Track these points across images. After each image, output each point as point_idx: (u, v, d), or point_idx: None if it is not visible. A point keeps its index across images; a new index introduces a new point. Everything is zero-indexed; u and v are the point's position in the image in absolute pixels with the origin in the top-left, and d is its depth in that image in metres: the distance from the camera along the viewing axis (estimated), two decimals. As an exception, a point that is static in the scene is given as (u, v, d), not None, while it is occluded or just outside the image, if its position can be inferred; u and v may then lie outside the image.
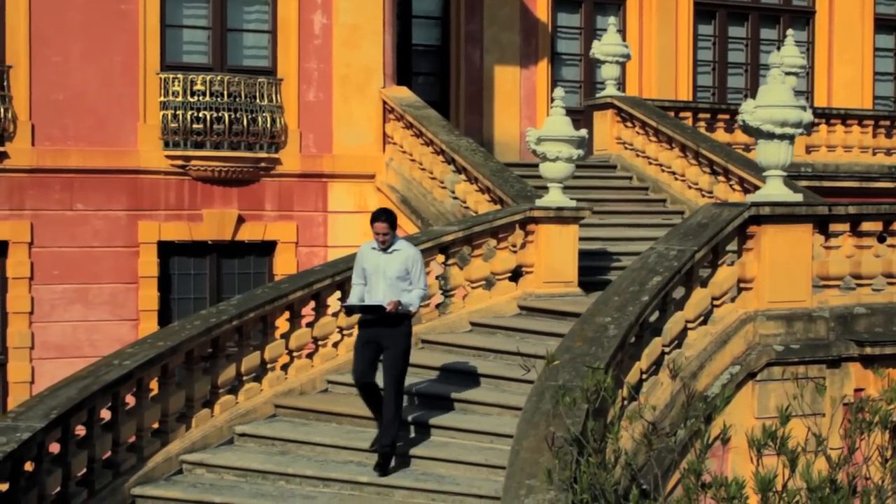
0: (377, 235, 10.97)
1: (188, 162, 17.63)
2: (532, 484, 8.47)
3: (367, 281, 11.08)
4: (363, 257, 11.16)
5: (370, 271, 11.04)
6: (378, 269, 10.97)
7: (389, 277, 10.92)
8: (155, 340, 11.65)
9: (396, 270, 10.94)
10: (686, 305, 10.86)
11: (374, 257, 11.05)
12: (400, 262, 11.00)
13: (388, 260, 10.98)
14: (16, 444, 9.55)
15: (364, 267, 11.11)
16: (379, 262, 11.01)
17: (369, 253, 11.12)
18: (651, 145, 19.17)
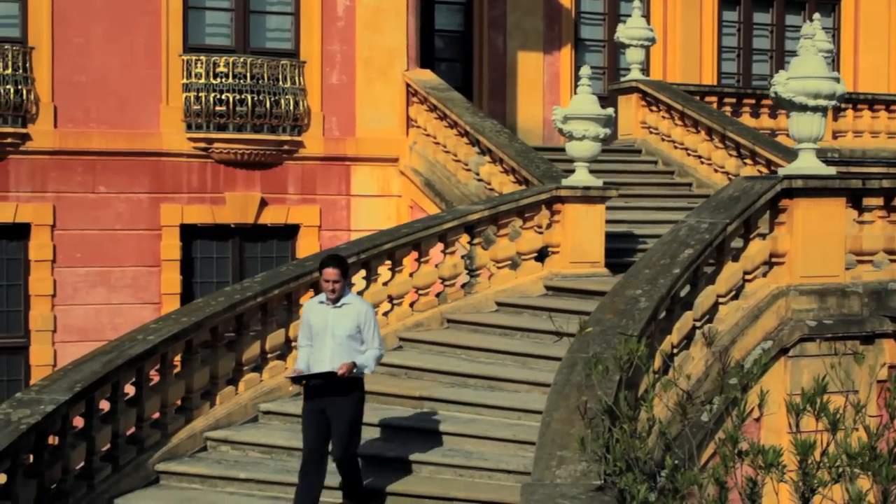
0: (326, 284, 9.62)
1: (211, 144, 17.52)
2: (563, 455, 8.32)
3: (314, 341, 9.72)
4: (309, 313, 9.82)
5: (317, 329, 9.66)
6: (326, 328, 9.62)
7: (339, 336, 9.58)
8: (179, 316, 11.56)
9: (347, 328, 9.59)
10: (717, 280, 10.69)
11: (321, 313, 9.68)
12: (351, 319, 9.61)
13: (338, 316, 9.62)
14: (40, 417, 9.46)
15: (311, 325, 9.73)
16: (327, 319, 9.63)
17: (316, 308, 9.77)
18: (677, 129, 18.98)
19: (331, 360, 9.53)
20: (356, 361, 9.57)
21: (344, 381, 9.52)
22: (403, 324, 13.27)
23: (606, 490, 7.82)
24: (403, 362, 12.49)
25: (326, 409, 9.56)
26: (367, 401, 11.66)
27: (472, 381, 11.84)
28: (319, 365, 9.57)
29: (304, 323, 9.85)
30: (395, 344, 13.09)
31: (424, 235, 13.42)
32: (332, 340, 9.57)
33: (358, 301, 9.87)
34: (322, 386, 9.58)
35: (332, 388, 9.56)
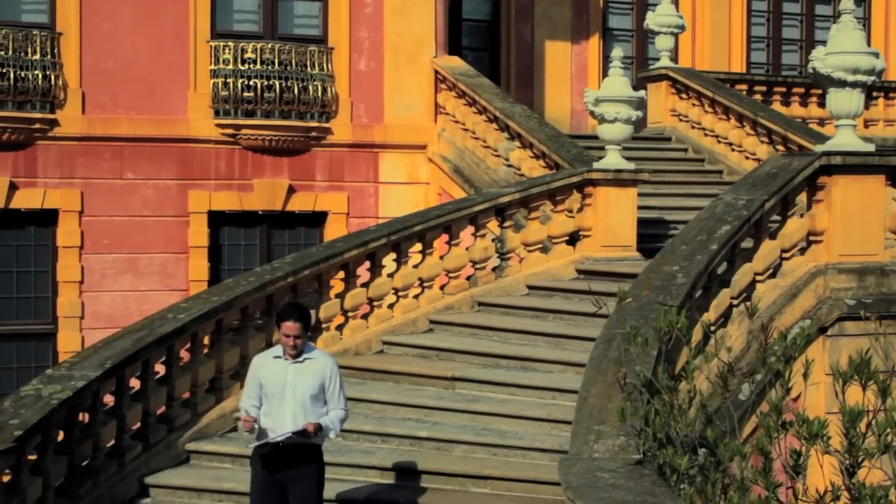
0: (286, 340, 8.31)
1: (238, 131, 17.43)
2: (601, 429, 8.19)
3: (266, 402, 8.38)
4: (260, 371, 8.47)
5: (272, 389, 8.33)
6: (284, 387, 8.31)
7: (301, 396, 8.31)
8: (209, 295, 11.48)
9: (310, 386, 8.34)
10: (755, 257, 10.52)
11: (279, 371, 8.36)
12: (315, 376, 8.38)
13: (299, 373, 8.36)
14: (70, 392, 9.40)
15: (262, 383, 8.41)
16: (286, 377, 8.33)
17: (270, 365, 8.44)
18: (707, 116, 18.80)
19: (293, 423, 8.27)
20: (321, 423, 8.34)
21: (304, 451, 8.34)
22: (434, 306, 13.16)
23: (646, 464, 7.68)
24: (434, 344, 12.39)
25: (286, 484, 8.36)
26: (399, 381, 11.67)
27: (505, 362, 11.72)
28: (278, 429, 8.29)
29: (253, 380, 8.48)
30: (425, 327, 12.99)
31: (455, 217, 13.30)
32: (292, 400, 8.28)
33: (322, 356, 8.64)
34: (278, 456, 8.32)
35: (291, 458, 8.32)
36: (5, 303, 16.90)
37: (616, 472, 7.56)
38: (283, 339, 8.42)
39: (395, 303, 13.01)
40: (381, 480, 10.00)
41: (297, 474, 8.38)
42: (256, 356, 8.82)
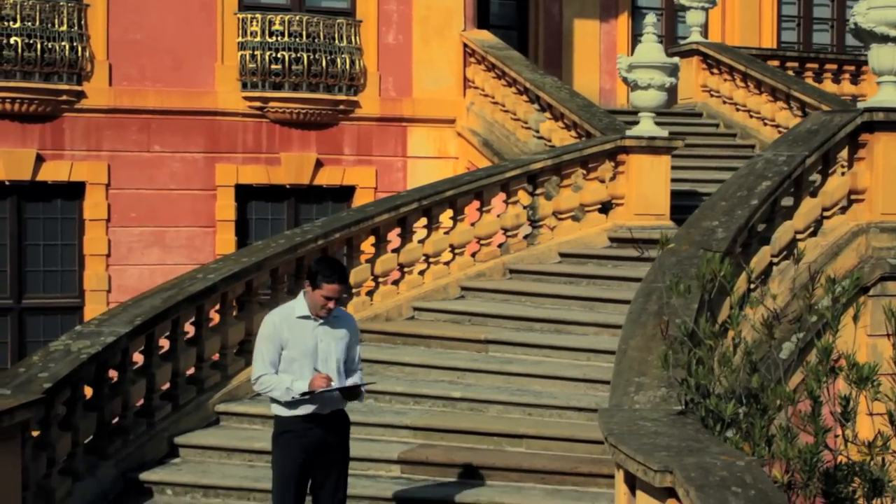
0: (325, 301, 7.36)
1: (266, 104, 17.28)
2: (642, 381, 8.01)
3: (287, 370, 7.43)
4: (284, 332, 7.43)
5: (298, 354, 7.40)
6: (314, 351, 7.44)
7: (336, 362, 7.49)
8: (239, 256, 11.36)
9: (343, 349, 7.55)
10: (795, 215, 10.33)
11: (306, 332, 7.43)
12: (345, 337, 7.59)
13: (331, 335, 7.50)
14: (100, 347, 9.27)
15: (286, 347, 7.43)
16: (316, 340, 7.44)
17: (295, 325, 7.44)
18: (739, 91, 18.57)
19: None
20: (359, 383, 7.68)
21: (342, 419, 7.64)
22: (465, 273, 12.98)
23: (688, 415, 7.50)
24: (466, 309, 12.23)
25: (327, 452, 7.49)
26: (431, 346, 11.52)
27: (538, 326, 11.55)
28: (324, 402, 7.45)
29: (273, 343, 7.44)
30: (456, 293, 12.83)
31: (486, 184, 13.13)
32: (324, 368, 7.42)
33: (346, 313, 7.90)
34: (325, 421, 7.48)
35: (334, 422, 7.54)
36: (32, 276, 16.81)
37: (658, 421, 7.39)
38: (320, 300, 7.33)
39: (425, 269, 12.85)
40: (413, 440, 9.83)
41: (342, 441, 7.57)
42: (273, 315, 7.57)
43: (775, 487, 6.54)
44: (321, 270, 7.39)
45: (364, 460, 9.48)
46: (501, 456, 9.44)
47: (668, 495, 6.57)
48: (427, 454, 9.49)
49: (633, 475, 7.23)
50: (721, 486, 6.20)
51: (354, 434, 9.74)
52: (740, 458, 6.70)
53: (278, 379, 7.40)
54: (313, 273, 7.42)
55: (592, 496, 8.91)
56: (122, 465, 9.60)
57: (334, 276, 7.37)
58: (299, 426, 7.42)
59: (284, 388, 7.37)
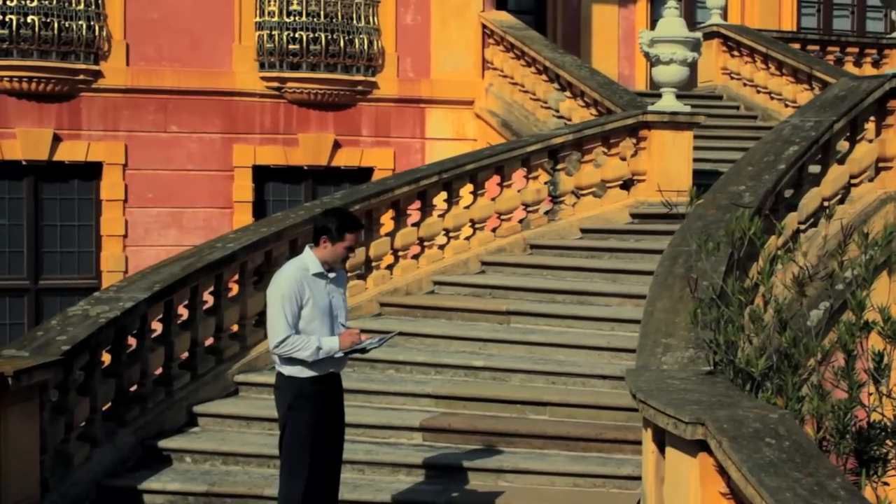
0: (344, 253, 7.27)
1: (284, 84, 17.17)
2: (669, 342, 7.88)
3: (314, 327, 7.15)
4: (305, 290, 7.13)
5: (317, 312, 7.15)
6: (329, 307, 7.22)
7: (344, 317, 7.38)
8: (258, 227, 11.27)
9: (344, 302, 7.43)
10: (822, 182, 10.17)
11: (322, 289, 7.21)
12: (343, 290, 7.48)
13: (336, 290, 7.34)
14: (119, 312, 9.18)
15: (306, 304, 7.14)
16: (329, 296, 7.25)
17: (313, 282, 7.18)
18: (760, 73, 18.41)
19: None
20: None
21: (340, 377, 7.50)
22: (485, 248, 12.85)
23: (717, 374, 7.36)
24: (487, 282, 12.09)
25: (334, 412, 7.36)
26: (452, 318, 11.39)
27: (561, 297, 11.41)
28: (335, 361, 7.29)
29: (294, 301, 7.08)
30: (477, 268, 12.69)
31: (507, 158, 12.99)
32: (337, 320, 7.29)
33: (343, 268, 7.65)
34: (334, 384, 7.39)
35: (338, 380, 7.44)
36: (49, 257, 16.73)
37: (687, 380, 7.26)
38: (342, 253, 7.19)
39: (445, 244, 12.72)
40: (434, 409, 9.70)
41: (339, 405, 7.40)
42: (290, 271, 7.20)
43: (810, 439, 6.40)
44: (339, 222, 7.21)
45: (385, 428, 9.37)
46: (525, 423, 9.31)
47: (699, 449, 6.43)
48: (449, 421, 9.36)
49: (661, 432, 7.10)
50: (754, 438, 6.06)
51: (375, 403, 9.74)
52: (773, 412, 6.56)
53: (304, 339, 7.07)
54: (329, 227, 7.18)
55: (618, 462, 8.77)
56: (140, 433, 9.49)
57: (353, 225, 7.32)
58: (312, 388, 7.16)
59: (314, 348, 7.07)
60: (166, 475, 9.07)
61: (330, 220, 7.25)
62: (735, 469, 5.89)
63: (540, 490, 8.59)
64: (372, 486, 8.69)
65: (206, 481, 8.90)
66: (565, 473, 8.65)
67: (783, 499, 5.41)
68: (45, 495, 8.29)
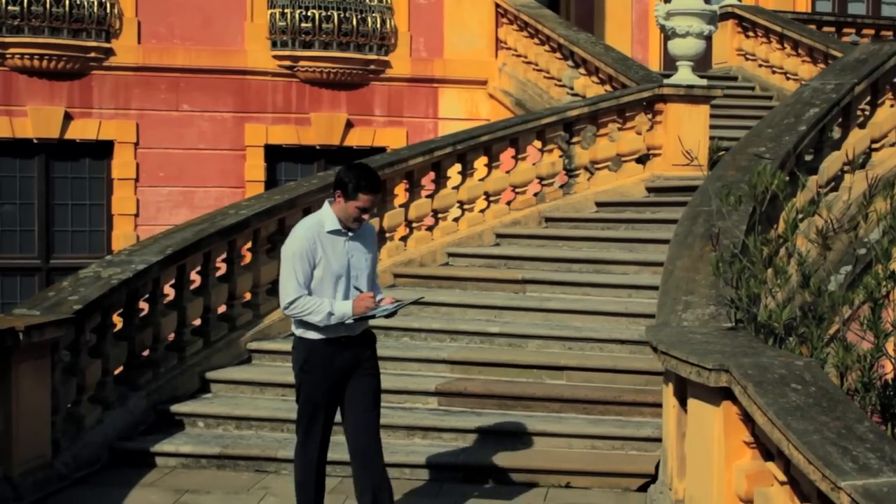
0: (358, 213, 6.63)
1: (296, 63, 17.06)
2: (689, 300, 7.75)
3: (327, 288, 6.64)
4: (318, 248, 6.62)
5: (332, 272, 6.64)
6: (347, 267, 6.69)
7: (367, 279, 6.81)
8: (271, 194, 11.18)
9: (368, 263, 6.84)
10: (843, 145, 10.04)
11: (339, 247, 6.67)
12: (369, 250, 6.85)
13: (357, 248, 6.75)
14: (131, 274, 9.09)
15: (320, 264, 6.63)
16: (347, 256, 6.70)
17: (328, 240, 6.65)
18: (775, 53, 18.26)
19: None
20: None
21: (368, 338, 6.94)
22: (500, 221, 12.73)
23: (739, 330, 7.23)
24: (502, 253, 11.98)
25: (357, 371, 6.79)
26: (466, 288, 11.26)
27: (577, 266, 11.29)
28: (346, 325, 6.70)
29: (306, 261, 6.59)
30: (492, 241, 12.56)
31: (521, 130, 12.86)
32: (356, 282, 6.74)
33: (370, 225, 7.02)
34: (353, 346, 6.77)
35: (360, 348, 6.83)
36: (60, 236, 16.65)
37: (709, 335, 7.13)
38: (353, 212, 6.58)
39: (460, 216, 12.60)
40: (450, 374, 9.57)
41: (371, 359, 6.88)
42: (302, 229, 6.70)
43: (836, 385, 6.27)
44: (356, 179, 6.57)
45: (400, 392, 9.25)
46: (541, 387, 9.19)
47: (722, 397, 6.30)
48: (465, 386, 9.24)
49: (683, 386, 6.98)
50: (780, 383, 5.94)
51: (390, 369, 9.59)
52: (798, 359, 6.44)
53: (316, 301, 6.58)
54: (345, 182, 6.58)
55: (637, 424, 8.65)
56: (153, 398, 9.38)
57: (370, 185, 6.61)
58: (323, 351, 6.67)
59: (325, 312, 6.57)
60: (179, 438, 8.96)
61: (348, 175, 6.63)
62: (761, 414, 5.77)
63: (557, 452, 8.47)
64: (387, 449, 8.45)
65: (220, 444, 8.80)
66: (583, 436, 8.53)
67: (811, 441, 5.28)
68: (57, 455, 8.19)
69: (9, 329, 7.54)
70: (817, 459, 5.07)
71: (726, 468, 6.36)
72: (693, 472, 6.82)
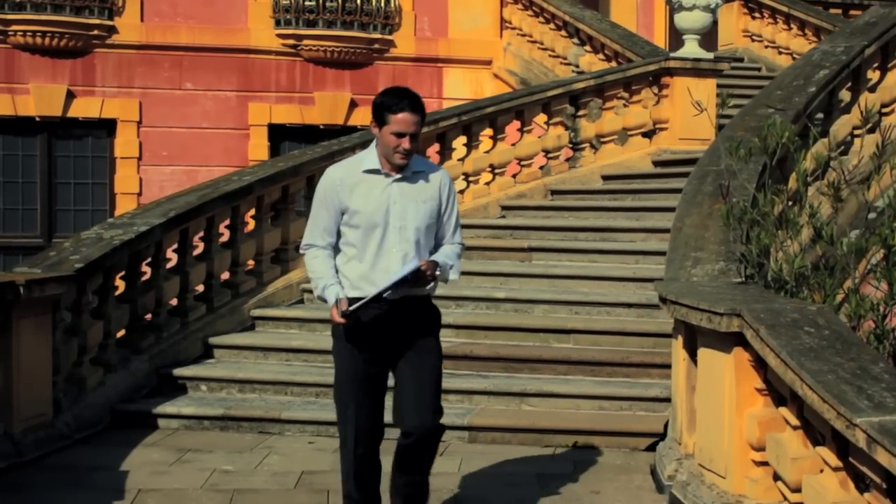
0: (396, 140, 5.39)
1: (300, 41, 16.97)
2: (699, 256, 7.66)
3: (352, 241, 5.54)
4: (346, 190, 5.51)
5: (367, 220, 5.48)
6: (386, 215, 5.49)
7: (413, 229, 5.52)
8: (276, 161, 11.15)
9: (426, 214, 5.56)
10: (853, 109, 9.92)
11: (376, 190, 5.51)
12: (430, 199, 5.60)
13: (409, 195, 5.54)
14: (133, 235, 9.00)
15: (349, 209, 5.51)
16: (388, 201, 5.50)
17: (361, 181, 5.51)
18: (781, 34, 18.19)
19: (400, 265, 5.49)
20: (437, 261, 5.58)
21: (418, 307, 5.62)
22: (505, 193, 12.64)
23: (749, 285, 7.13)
24: (507, 223, 11.88)
25: (399, 348, 5.57)
26: (471, 257, 11.13)
27: (583, 235, 11.21)
28: (379, 280, 5.47)
29: (330, 205, 5.55)
30: (497, 213, 12.48)
31: (527, 102, 12.78)
32: (398, 236, 5.50)
33: (432, 167, 5.77)
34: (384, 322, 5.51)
35: (405, 312, 5.54)
36: (62, 215, 16.57)
37: (719, 287, 7.02)
38: (391, 140, 5.40)
39: (465, 189, 12.50)
40: (455, 339, 9.44)
41: (420, 332, 5.60)
42: (332, 168, 5.67)
43: (850, 329, 6.17)
44: (387, 97, 5.46)
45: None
46: (548, 350, 9.08)
47: (734, 343, 6.21)
48: (471, 349, 9.14)
49: (693, 336, 6.88)
50: (793, 326, 5.85)
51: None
52: (811, 305, 6.34)
53: (320, 266, 5.59)
54: (376, 105, 5.46)
55: (645, 385, 8.55)
56: (155, 361, 9.29)
57: (403, 101, 5.41)
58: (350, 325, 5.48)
59: (320, 286, 5.58)
60: (181, 401, 8.87)
61: (379, 97, 5.51)
62: (773, 356, 5.67)
63: (565, 413, 8.36)
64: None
65: (223, 406, 8.70)
66: (591, 396, 8.43)
67: (825, 381, 5.19)
68: (58, 415, 8.10)
69: (9, 282, 7.45)
70: (832, 398, 4.98)
71: (738, 416, 6.27)
72: (703, 423, 6.71)
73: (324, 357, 9.38)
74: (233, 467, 7.55)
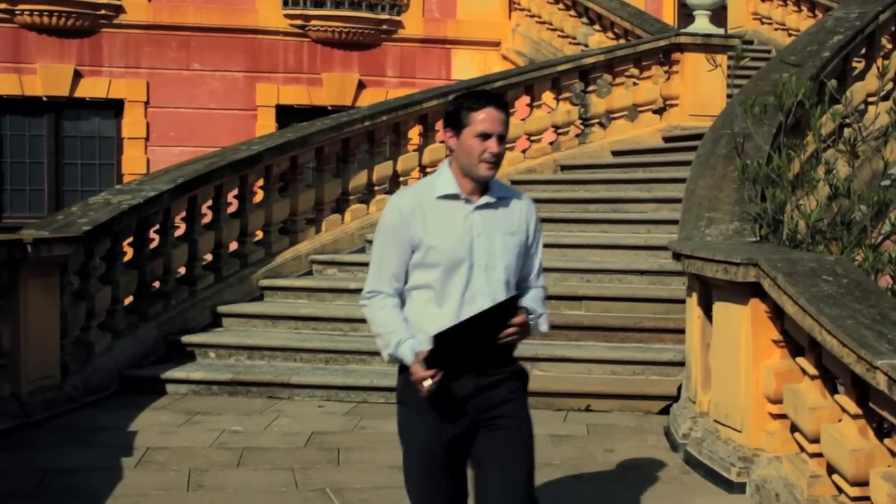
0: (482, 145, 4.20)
1: (307, 22, 16.88)
2: (713, 216, 7.57)
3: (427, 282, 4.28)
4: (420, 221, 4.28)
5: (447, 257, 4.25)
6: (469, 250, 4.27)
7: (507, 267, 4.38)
8: (284, 132, 11.08)
9: (515, 248, 4.42)
10: (867, 76, 9.84)
11: (456, 220, 4.30)
12: (519, 230, 4.46)
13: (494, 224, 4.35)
14: (141, 200, 8.94)
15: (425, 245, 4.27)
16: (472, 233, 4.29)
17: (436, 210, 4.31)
18: (791, 16, 18.09)
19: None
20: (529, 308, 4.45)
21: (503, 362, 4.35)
22: (515, 168, 12.54)
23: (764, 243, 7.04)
24: (518, 196, 11.76)
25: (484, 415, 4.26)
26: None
27: (594, 206, 11.12)
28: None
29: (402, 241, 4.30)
30: (506, 187, 12.35)
31: (536, 77, 12.68)
32: (485, 276, 4.29)
33: (516, 194, 4.53)
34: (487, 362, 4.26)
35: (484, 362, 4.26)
36: (70, 195, 16.44)
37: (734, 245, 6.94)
38: (476, 146, 4.22)
39: (475, 163, 12.39)
40: (465, 307, 9.36)
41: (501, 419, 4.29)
42: (399, 197, 4.41)
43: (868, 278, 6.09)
44: (464, 98, 4.30)
45: (415, 323, 9.05)
46: (560, 317, 8.98)
47: (750, 294, 6.13)
48: (480, 317, 9.04)
49: (708, 292, 6.81)
50: (811, 275, 5.77)
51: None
52: (828, 256, 6.27)
53: (389, 318, 4.30)
54: (450, 110, 4.27)
55: (657, 350, 8.48)
56: (163, 328, 9.24)
57: (482, 98, 4.27)
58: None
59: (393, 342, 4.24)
60: (190, 367, 8.82)
61: (453, 102, 4.35)
62: (791, 303, 5.59)
63: (577, 378, 8.29)
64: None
65: (231, 371, 8.65)
66: (603, 361, 8.35)
67: (845, 325, 5.11)
68: (66, 379, 8.04)
69: (17, 241, 7.39)
70: (852, 341, 4.90)
71: (754, 369, 6.19)
72: (719, 379, 6.63)
73: (333, 325, 9.35)
74: (242, 428, 7.49)
